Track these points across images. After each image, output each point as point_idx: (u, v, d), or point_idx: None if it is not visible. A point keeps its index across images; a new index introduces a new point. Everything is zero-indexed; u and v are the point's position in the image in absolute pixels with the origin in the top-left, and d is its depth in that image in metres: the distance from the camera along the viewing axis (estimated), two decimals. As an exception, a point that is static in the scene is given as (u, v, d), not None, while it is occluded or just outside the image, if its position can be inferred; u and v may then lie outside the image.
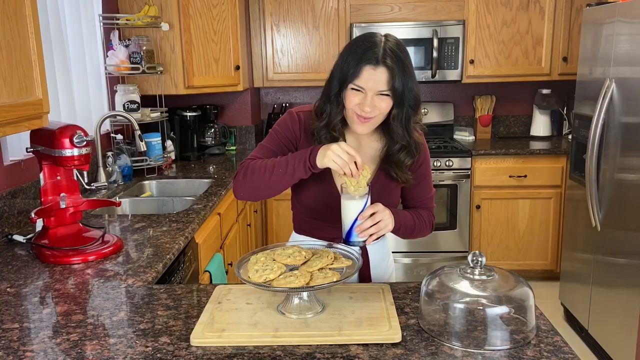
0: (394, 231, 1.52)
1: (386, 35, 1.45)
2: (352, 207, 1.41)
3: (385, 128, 1.54)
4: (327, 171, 1.53)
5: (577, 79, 3.23)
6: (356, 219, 1.41)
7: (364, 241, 1.44)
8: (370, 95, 1.41)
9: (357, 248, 1.60)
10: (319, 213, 1.63)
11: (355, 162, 1.37)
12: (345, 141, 1.55)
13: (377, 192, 1.51)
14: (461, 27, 3.85)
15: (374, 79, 1.40)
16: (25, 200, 2.18)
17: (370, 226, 1.40)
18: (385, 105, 1.43)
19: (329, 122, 1.50)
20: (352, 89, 1.43)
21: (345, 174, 1.38)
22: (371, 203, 1.43)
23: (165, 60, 3.32)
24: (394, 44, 1.43)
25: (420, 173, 1.63)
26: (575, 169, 3.23)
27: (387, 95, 1.42)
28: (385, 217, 1.43)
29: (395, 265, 1.86)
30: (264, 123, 4.35)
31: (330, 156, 1.37)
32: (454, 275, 1.24)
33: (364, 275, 1.67)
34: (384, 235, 1.72)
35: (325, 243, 1.47)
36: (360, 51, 1.41)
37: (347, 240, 1.44)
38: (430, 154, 1.69)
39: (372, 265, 1.68)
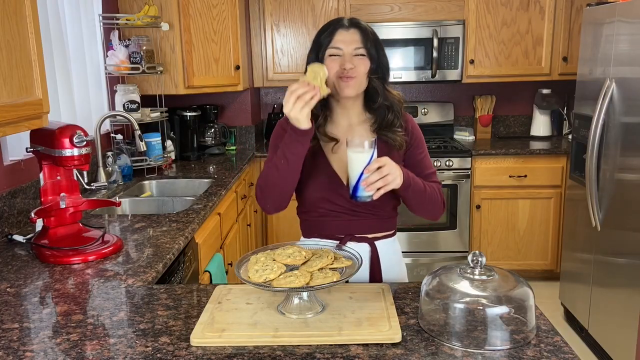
0: (403, 191, 1.48)
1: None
2: (358, 160, 1.39)
3: (366, 104, 1.62)
4: (323, 159, 1.58)
5: (577, 79, 3.23)
6: (362, 173, 1.39)
7: (371, 196, 1.41)
8: (348, 54, 1.51)
9: (365, 248, 1.59)
10: (325, 203, 1.60)
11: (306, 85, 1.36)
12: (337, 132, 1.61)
13: None
14: (461, 27, 3.85)
15: (348, 39, 1.52)
16: (25, 200, 2.18)
17: (377, 180, 1.39)
18: (363, 65, 1.52)
19: None
20: (330, 55, 1.52)
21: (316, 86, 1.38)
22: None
23: (165, 60, 3.32)
24: (361, 20, 1.58)
25: (415, 150, 1.63)
26: (575, 169, 3.23)
27: (363, 55, 1.52)
28: (393, 170, 1.41)
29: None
30: (264, 123, 4.35)
31: (293, 109, 1.35)
32: (454, 275, 1.24)
33: (375, 279, 1.64)
34: (394, 232, 1.72)
35: (334, 243, 1.46)
36: (329, 24, 1.56)
37: (354, 195, 1.42)
38: (430, 154, 1.69)
39: (384, 269, 1.66)
